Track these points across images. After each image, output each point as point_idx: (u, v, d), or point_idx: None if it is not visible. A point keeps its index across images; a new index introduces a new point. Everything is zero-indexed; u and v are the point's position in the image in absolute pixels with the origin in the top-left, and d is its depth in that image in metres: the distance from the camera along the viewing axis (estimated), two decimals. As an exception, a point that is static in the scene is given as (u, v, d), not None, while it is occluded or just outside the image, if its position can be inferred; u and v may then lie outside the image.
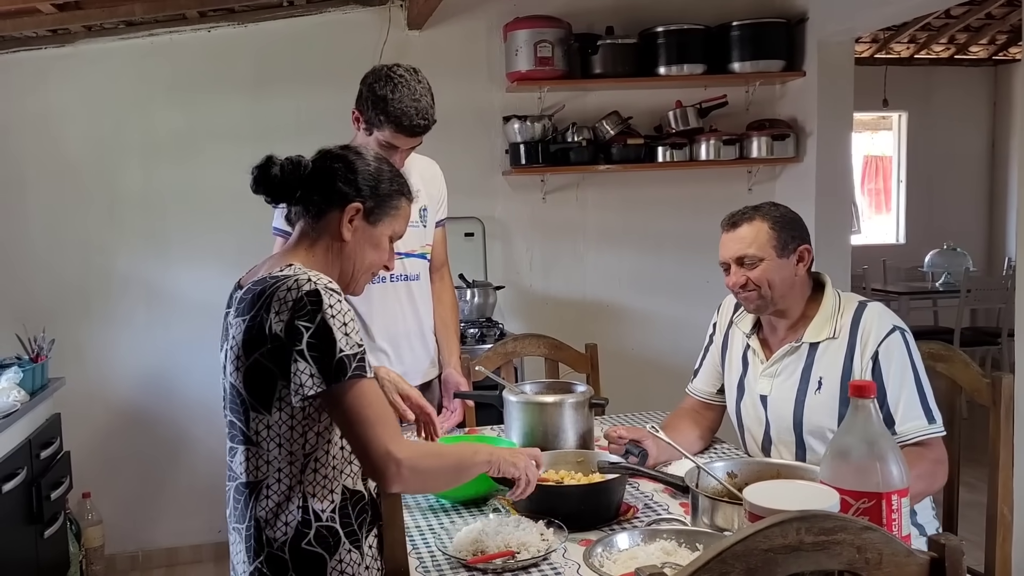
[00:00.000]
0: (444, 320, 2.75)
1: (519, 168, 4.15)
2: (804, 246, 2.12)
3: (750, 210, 2.15)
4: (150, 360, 4.07)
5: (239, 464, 1.63)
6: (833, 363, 2.06)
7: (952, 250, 6.68)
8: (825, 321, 2.10)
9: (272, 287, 1.55)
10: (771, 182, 4.54)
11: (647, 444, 2.13)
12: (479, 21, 4.21)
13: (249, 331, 1.55)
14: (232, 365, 1.59)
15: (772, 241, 2.09)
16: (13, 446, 2.98)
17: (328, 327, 1.51)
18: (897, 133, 7.63)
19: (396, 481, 1.53)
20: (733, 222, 2.15)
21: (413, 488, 1.66)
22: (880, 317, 2.05)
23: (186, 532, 4.15)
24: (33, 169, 3.95)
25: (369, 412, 1.53)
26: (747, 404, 2.24)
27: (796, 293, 2.14)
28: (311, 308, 1.51)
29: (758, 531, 0.98)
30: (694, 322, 4.49)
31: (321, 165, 1.70)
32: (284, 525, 1.58)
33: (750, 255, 2.09)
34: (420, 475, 1.58)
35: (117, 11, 3.66)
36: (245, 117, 4.04)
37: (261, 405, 1.57)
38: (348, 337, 1.53)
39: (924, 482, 1.92)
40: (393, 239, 1.78)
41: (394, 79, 2.35)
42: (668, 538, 1.60)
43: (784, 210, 2.16)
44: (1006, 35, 6.72)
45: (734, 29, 4.17)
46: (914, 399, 1.98)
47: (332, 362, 1.50)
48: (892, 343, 2.01)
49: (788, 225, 2.12)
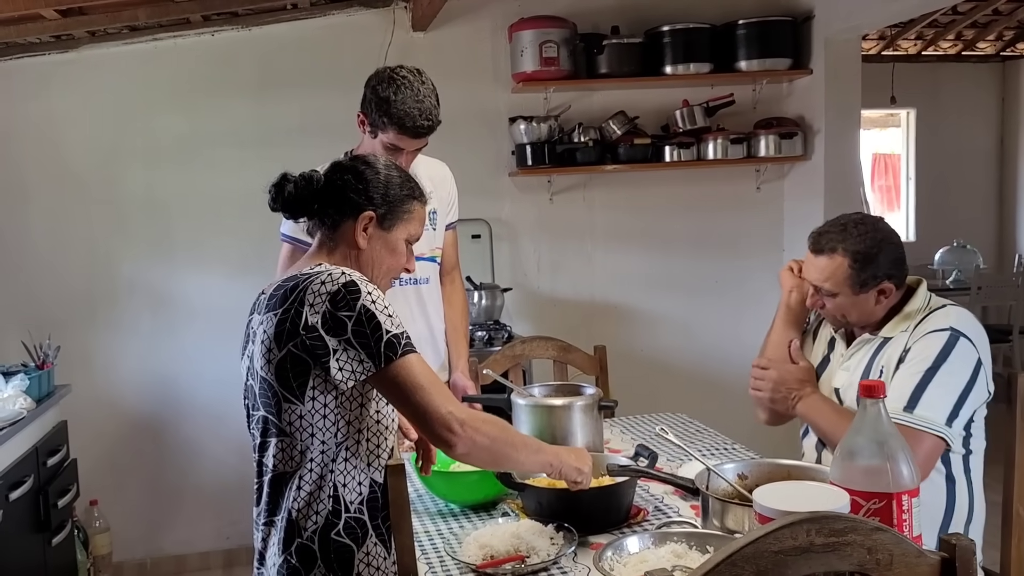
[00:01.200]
0: (454, 324, 2.74)
1: (526, 169, 4.14)
2: (886, 283, 2.02)
3: (836, 235, 2.04)
4: (156, 366, 4.07)
5: (272, 456, 1.65)
6: (895, 352, 2.02)
7: (962, 247, 6.65)
8: (904, 318, 2.06)
9: (305, 282, 1.61)
10: (779, 180, 4.52)
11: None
12: (484, 22, 4.20)
13: (282, 324, 1.60)
14: (263, 359, 1.62)
15: (849, 280, 2.01)
16: (20, 454, 2.98)
17: (371, 312, 1.58)
18: (906, 130, 7.59)
19: (460, 439, 1.58)
20: (817, 247, 2.07)
21: (478, 451, 1.62)
22: (948, 316, 1.99)
23: (194, 539, 4.15)
24: (37, 175, 3.95)
25: (423, 380, 1.60)
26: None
27: (877, 314, 2.09)
28: (351, 298, 1.58)
29: (768, 533, 0.97)
30: (704, 322, 4.52)
31: (332, 178, 1.76)
32: (315, 515, 1.62)
33: (826, 288, 2.05)
34: (484, 438, 1.61)
35: (120, 16, 3.66)
36: (249, 121, 4.04)
37: (294, 396, 1.61)
38: (391, 319, 1.61)
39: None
40: (410, 242, 1.83)
41: (397, 81, 2.35)
42: (679, 541, 1.58)
43: (871, 242, 2.01)
44: (1013, 31, 6.69)
45: (740, 27, 4.15)
46: (908, 384, 1.91)
47: (381, 344, 1.57)
48: (936, 337, 1.95)
49: (870, 262, 2.01)
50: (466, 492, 2.00)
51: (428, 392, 1.59)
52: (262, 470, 1.69)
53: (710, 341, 4.50)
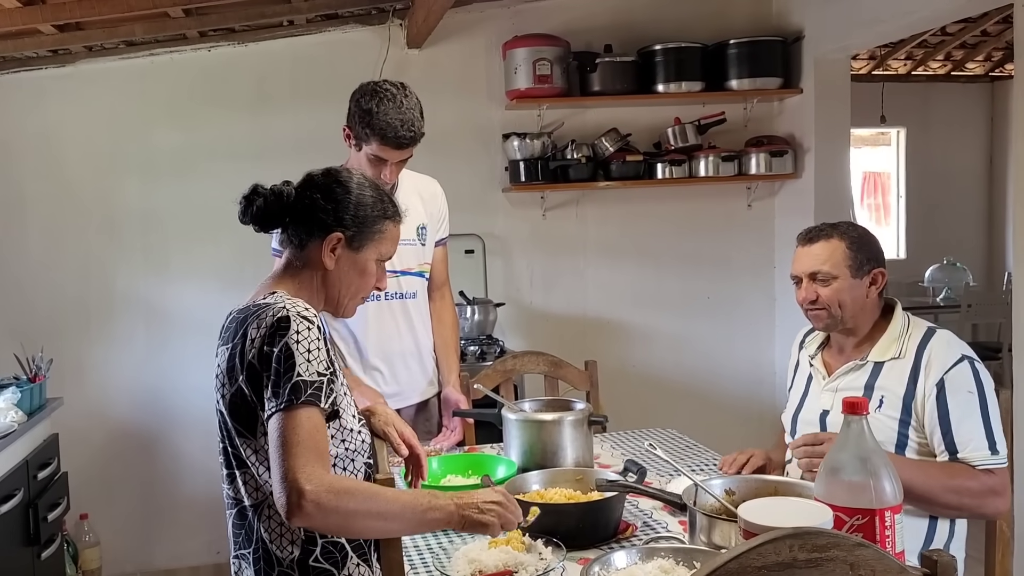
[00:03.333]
0: (444, 339, 2.75)
1: (519, 185, 4.16)
2: (879, 269, 2.09)
3: (828, 227, 2.12)
4: (149, 380, 4.07)
5: (238, 488, 1.64)
6: (897, 382, 2.02)
7: (952, 265, 6.68)
8: (892, 341, 2.07)
9: (253, 314, 1.58)
10: (770, 198, 4.55)
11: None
12: (478, 39, 4.24)
13: (231, 359, 1.58)
14: (217, 393, 1.62)
15: (848, 260, 2.06)
16: (10, 467, 2.97)
17: (291, 351, 1.52)
18: (896, 149, 7.64)
19: (296, 513, 1.43)
20: (810, 237, 2.13)
21: (320, 525, 1.52)
22: (949, 345, 2.01)
23: (184, 554, 4.14)
24: (32, 188, 3.96)
25: (293, 439, 1.47)
26: (804, 418, 2.22)
27: (866, 314, 2.11)
28: (279, 334, 1.53)
29: (751, 548, 0.98)
30: (694, 338, 4.54)
31: (301, 195, 1.71)
32: (290, 544, 1.60)
33: (824, 272, 2.07)
34: (328, 513, 1.44)
35: (117, 31, 3.69)
36: (245, 136, 4.06)
37: (246, 430, 1.59)
38: (309, 364, 1.53)
39: (973, 500, 1.90)
40: (381, 260, 1.79)
41: (380, 93, 2.37)
42: (666, 556, 1.59)
43: (862, 231, 2.13)
44: (1002, 52, 6.75)
45: (731, 47, 4.19)
46: (978, 429, 1.93)
47: (288, 386, 1.50)
48: (960, 372, 1.96)
49: (865, 246, 2.09)
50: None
51: (290, 452, 1.46)
52: (231, 502, 1.67)
53: (701, 357, 4.52)
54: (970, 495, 1.89)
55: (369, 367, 2.58)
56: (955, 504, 1.91)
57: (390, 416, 2.01)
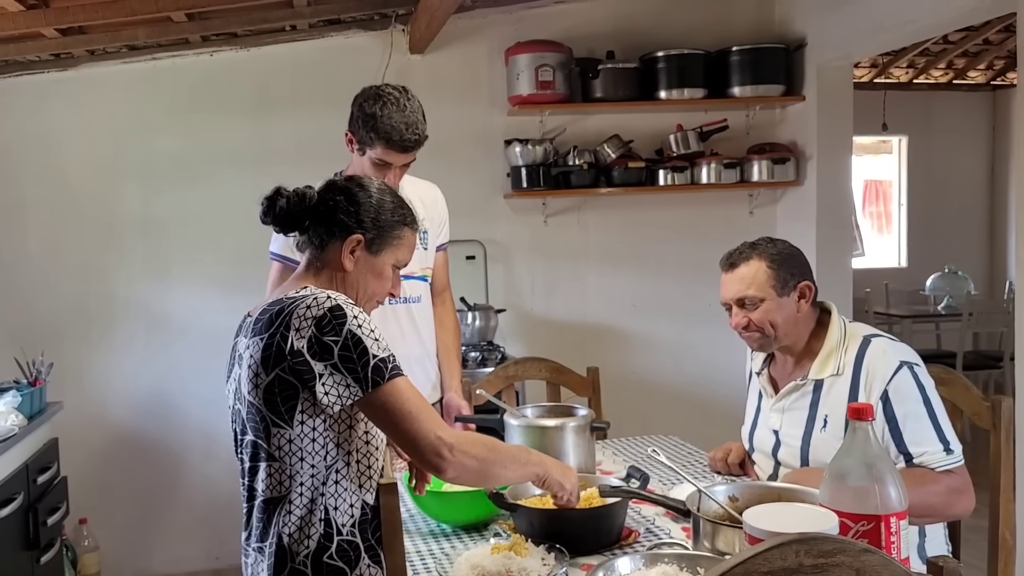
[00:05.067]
0: (446, 344, 2.74)
1: (520, 191, 4.16)
2: (804, 282, 2.08)
3: (747, 248, 2.11)
4: (148, 384, 4.07)
5: (261, 481, 1.64)
6: (838, 401, 2.01)
7: (954, 273, 6.68)
8: (828, 357, 2.06)
9: (291, 306, 1.60)
10: (772, 205, 4.55)
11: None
12: (480, 45, 4.24)
13: (268, 348, 1.59)
14: (250, 384, 1.61)
15: (771, 280, 2.05)
16: (10, 471, 2.97)
17: (358, 337, 1.57)
18: (897, 157, 7.65)
19: (450, 464, 1.58)
20: (731, 263, 2.12)
21: (468, 474, 1.64)
22: (885, 355, 1.99)
23: (183, 559, 4.12)
24: (33, 192, 3.96)
25: (411, 406, 1.59)
26: (759, 436, 2.23)
27: (800, 328, 2.10)
28: (336, 322, 1.57)
29: (757, 554, 0.98)
30: (696, 345, 4.53)
31: (324, 197, 1.75)
32: (307, 539, 1.61)
33: (750, 296, 2.06)
34: (473, 460, 1.61)
35: (120, 36, 3.69)
36: (246, 141, 4.06)
37: (282, 420, 1.60)
38: (378, 343, 1.60)
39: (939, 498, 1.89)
40: (397, 267, 1.82)
41: (383, 97, 2.37)
42: (669, 562, 1.58)
43: (782, 245, 2.11)
44: (1003, 60, 6.76)
45: (734, 54, 4.20)
46: (929, 433, 1.92)
47: (368, 369, 1.57)
48: (900, 381, 1.95)
49: (786, 262, 2.08)
50: (458, 512, 2.00)
51: (416, 417, 1.58)
52: (252, 494, 1.67)
53: (702, 364, 4.51)
54: (937, 497, 1.88)
55: None
56: (926, 511, 1.89)
57: None
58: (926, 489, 1.86)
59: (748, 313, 2.07)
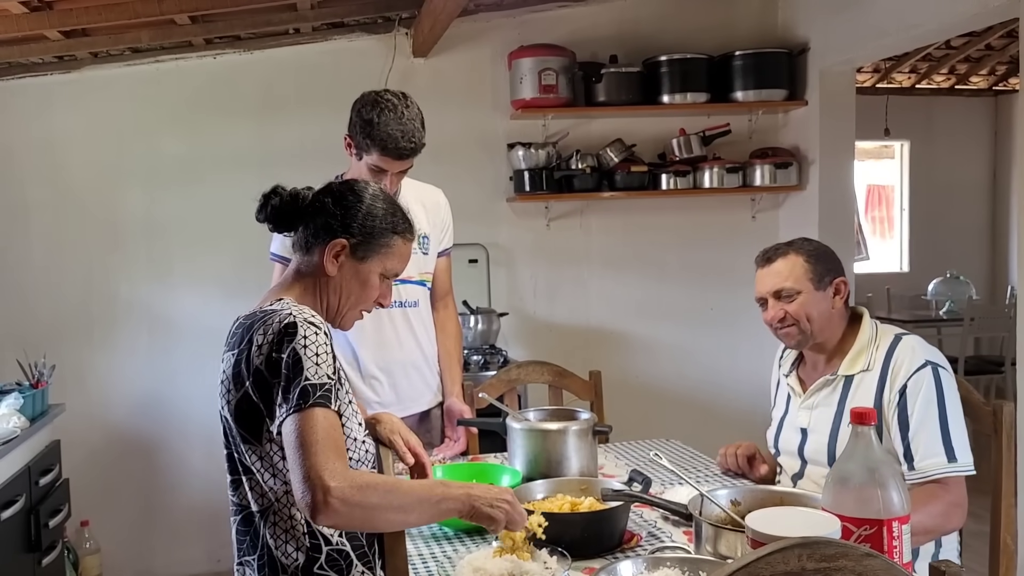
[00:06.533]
0: (447, 349, 2.74)
1: (523, 195, 4.16)
2: (840, 279, 2.10)
3: (783, 245, 2.14)
4: (151, 387, 4.07)
5: (243, 495, 1.63)
6: (865, 396, 2.02)
7: (955, 278, 6.68)
8: (859, 353, 2.07)
9: (260, 320, 1.58)
10: (774, 210, 4.55)
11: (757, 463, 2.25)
12: (484, 49, 4.25)
13: (237, 364, 1.58)
14: (223, 399, 1.61)
15: (808, 274, 2.08)
16: (12, 473, 2.96)
17: (298, 356, 1.52)
18: (899, 162, 7.65)
19: (323, 510, 1.43)
20: (768, 257, 2.14)
21: (345, 522, 1.51)
22: (914, 351, 2.01)
23: (185, 562, 4.12)
24: (37, 194, 3.97)
25: (312, 438, 1.47)
26: (785, 438, 2.23)
27: (834, 326, 2.12)
28: (286, 340, 1.53)
29: (760, 558, 0.98)
30: (698, 349, 4.53)
31: (315, 199, 1.74)
32: (295, 551, 1.60)
33: (787, 288, 2.08)
34: (356, 508, 1.45)
35: (123, 38, 3.70)
36: (250, 144, 4.06)
37: (251, 436, 1.59)
38: (318, 368, 1.53)
39: (934, 521, 1.89)
40: (386, 276, 1.78)
41: (381, 103, 2.37)
42: (672, 566, 1.58)
43: (817, 244, 2.15)
44: (1005, 66, 6.76)
45: (737, 58, 4.20)
46: (935, 436, 1.92)
47: (297, 391, 1.50)
48: (921, 377, 1.96)
49: (823, 258, 2.11)
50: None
51: (310, 451, 1.45)
52: (235, 508, 1.67)
53: (705, 369, 4.51)
54: (932, 520, 1.88)
55: (368, 376, 2.57)
56: (928, 529, 1.90)
57: (396, 424, 2.00)
58: (926, 510, 1.86)
59: (784, 305, 2.09)
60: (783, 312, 2.09)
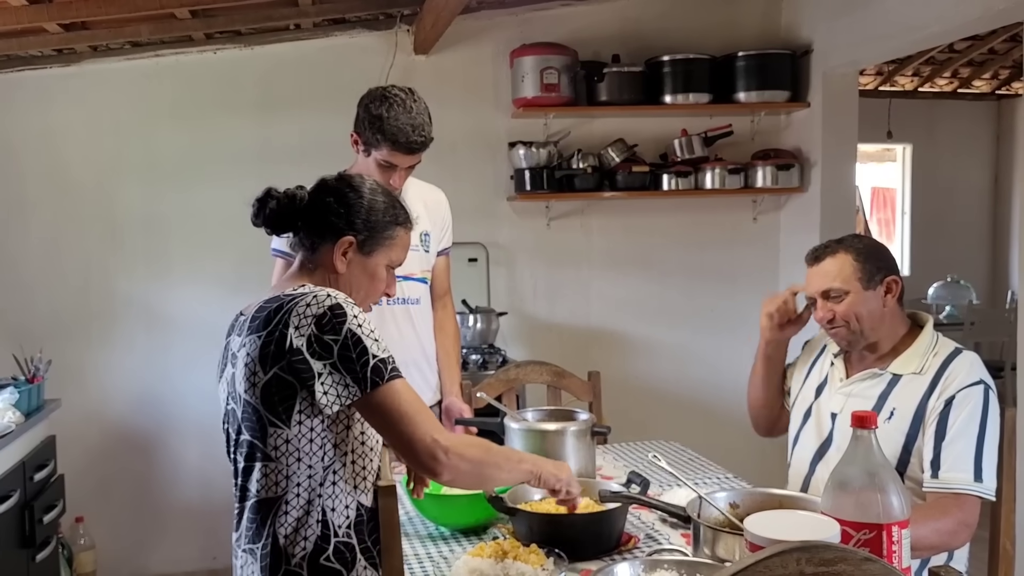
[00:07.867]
0: (446, 349, 2.74)
1: (524, 194, 4.15)
2: (891, 277, 2.07)
3: (833, 243, 2.11)
4: (147, 383, 4.06)
5: (256, 482, 1.62)
6: (911, 397, 2.00)
7: (956, 282, 6.67)
8: (916, 356, 2.05)
9: (290, 303, 1.58)
10: (776, 212, 4.54)
11: None
12: (485, 47, 4.23)
13: (267, 346, 1.57)
14: (247, 382, 1.60)
15: (857, 273, 2.05)
16: (7, 468, 2.96)
17: (358, 336, 1.56)
18: (901, 165, 7.64)
19: (446, 467, 1.57)
20: (816, 256, 2.11)
21: (463, 477, 1.64)
22: (971, 366, 1.99)
23: (180, 559, 4.11)
24: (35, 189, 3.95)
25: (408, 408, 1.58)
26: (811, 426, 2.19)
27: (887, 326, 2.09)
28: (336, 321, 1.56)
29: (758, 561, 0.97)
30: (698, 351, 4.52)
31: (314, 199, 1.75)
32: (304, 540, 1.60)
33: (835, 288, 2.06)
34: (468, 463, 1.60)
35: (123, 32, 3.69)
36: (250, 140, 4.05)
37: (280, 420, 1.59)
38: (378, 343, 1.59)
39: (940, 538, 1.87)
40: (391, 267, 1.81)
41: (389, 98, 2.37)
42: (669, 568, 1.57)
43: (868, 241, 2.13)
44: (1008, 70, 6.75)
45: (740, 59, 4.18)
46: (968, 452, 1.90)
47: (367, 369, 1.55)
48: (972, 393, 1.94)
49: (872, 255, 2.07)
50: (457, 516, 1.99)
51: (412, 419, 1.57)
52: (244, 495, 1.66)
53: (704, 370, 4.50)
54: (939, 536, 1.87)
55: None
56: (933, 546, 1.88)
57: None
58: (935, 526, 1.85)
59: (833, 306, 2.07)
60: (832, 313, 2.07)
